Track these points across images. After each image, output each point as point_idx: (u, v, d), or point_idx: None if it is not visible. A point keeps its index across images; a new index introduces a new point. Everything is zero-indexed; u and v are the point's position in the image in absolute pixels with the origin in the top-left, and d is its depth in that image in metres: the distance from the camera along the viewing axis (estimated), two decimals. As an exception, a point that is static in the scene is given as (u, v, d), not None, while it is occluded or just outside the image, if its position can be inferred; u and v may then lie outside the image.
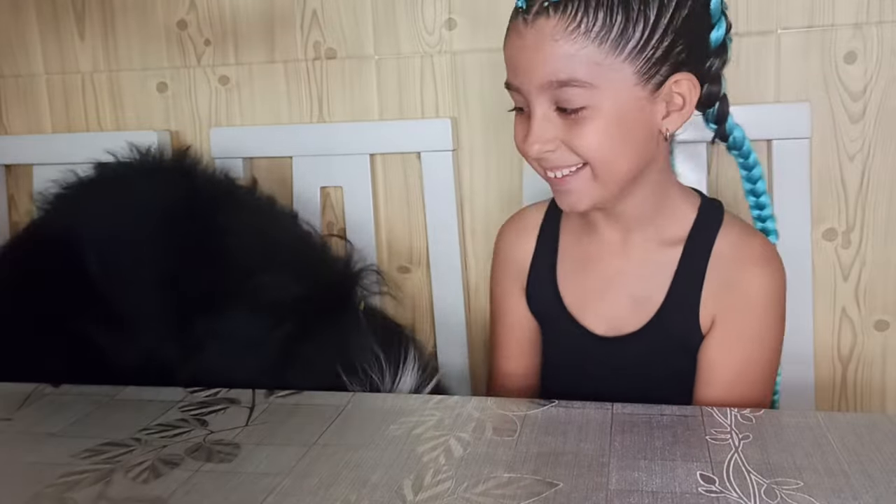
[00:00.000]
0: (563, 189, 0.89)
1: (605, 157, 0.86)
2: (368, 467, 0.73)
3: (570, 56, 0.82)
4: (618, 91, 0.84)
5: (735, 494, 0.66)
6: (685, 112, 0.88)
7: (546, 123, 0.86)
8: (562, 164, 0.87)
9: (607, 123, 0.84)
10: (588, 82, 0.82)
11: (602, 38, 0.82)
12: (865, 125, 1.18)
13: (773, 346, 0.96)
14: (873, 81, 1.17)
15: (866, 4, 1.15)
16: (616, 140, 0.85)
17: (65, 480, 0.73)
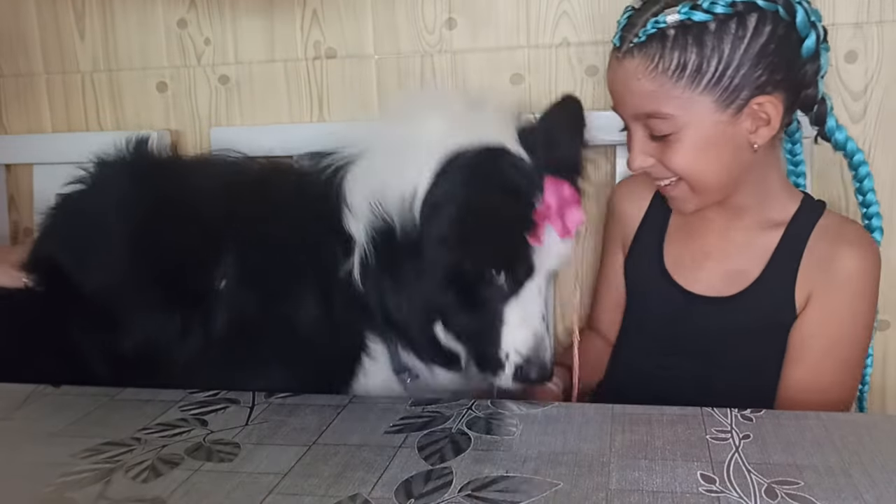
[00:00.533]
0: (669, 195, 1.01)
1: (695, 173, 0.96)
2: (368, 467, 0.73)
3: (651, 92, 0.92)
4: (699, 119, 0.92)
5: (735, 494, 0.66)
6: (772, 126, 0.94)
7: (642, 145, 0.97)
8: (661, 176, 0.98)
9: (692, 146, 0.94)
10: (670, 114, 0.92)
11: (678, 75, 0.91)
12: (866, 125, 1.18)
13: (864, 325, 1.00)
14: (874, 81, 1.17)
15: (867, 4, 1.15)
16: (702, 160, 0.95)
17: (65, 480, 0.73)
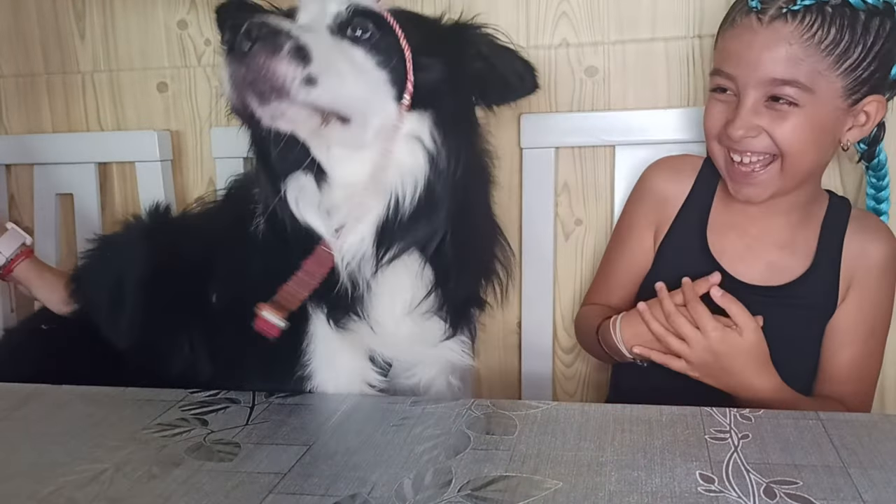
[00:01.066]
0: (752, 180, 0.99)
1: (798, 150, 0.96)
2: (368, 467, 0.73)
3: (799, 60, 0.93)
4: (826, 99, 0.94)
5: (734, 494, 0.66)
6: (866, 129, 0.99)
7: (754, 113, 0.95)
8: (757, 149, 0.97)
9: (808, 123, 0.95)
10: (806, 85, 0.93)
11: (829, 51, 0.92)
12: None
13: (890, 307, 1.06)
14: (873, 81, 1.17)
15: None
16: (810, 139, 0.96)
17: (65, 480, 0.73)
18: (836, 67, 0.93)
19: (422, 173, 0.87)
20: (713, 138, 1.02)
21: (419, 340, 0.95)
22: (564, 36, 1.25)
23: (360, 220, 0.88)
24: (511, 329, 1.36)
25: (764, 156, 0.97)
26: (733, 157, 0.99)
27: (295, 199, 0.89)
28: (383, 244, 0.88)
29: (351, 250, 0.89)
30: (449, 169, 0.88)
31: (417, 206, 0.88)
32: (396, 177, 0.87)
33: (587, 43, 1.25)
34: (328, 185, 0.88)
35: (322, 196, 0.89)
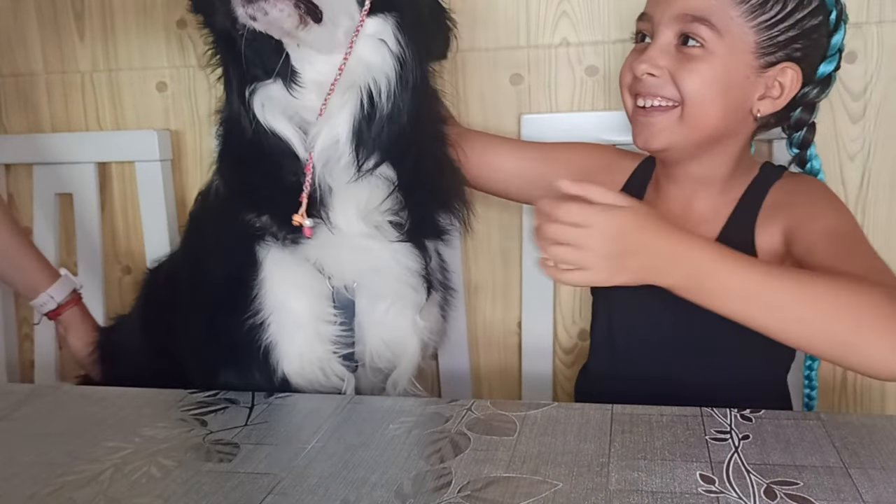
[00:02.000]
0: (648, 121, 0.95)
1: (700, 100, 0.92)
2: (368, 467, 0.73)
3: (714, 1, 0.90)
4: (735, 48, 0.91)
5: (735, 494, 0.66)
6: (778, 102, 0.94)
7: (663, 51, 0.93)
8: (658, 93, 0.93)
9: (714, 71, 0.91)
10: (717, 27, 0.90)
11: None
12: (866, 125, 1.18)
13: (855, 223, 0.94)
14: (873, 81, 1.17)
15: (866, 4, 1.15)
16: (714, 90, 0.92)
17: (65, 480, 0.73)
18: (750, 17, 0.90)
19: (391, 73, 0.90)
20: (626, 86, 0.99)
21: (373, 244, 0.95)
22: (565, 35, 1.25)
23: (331, 120, 0.89)
24: (511, 329, 1.36)
25: (666, 101, 0.93)
26: (638, 103, 0.96)
27: (262, 105, 0.91)
28: (361, 146, 0.90)
29: (325, 153, 0.90)
30: (412, 74, 0.91)
31: (391, 109, 0.90)
32: (366, 75, 0.89)
33: (587, 42, 1.25)
34: (299, 88, 0.90)
35: (292, 101, 0.91)
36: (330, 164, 0.91)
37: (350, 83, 0.89)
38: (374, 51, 0.90)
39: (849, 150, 1.19)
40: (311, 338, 0.96)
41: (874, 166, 1.19)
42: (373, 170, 0.91)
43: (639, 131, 0.97)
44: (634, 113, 0.97)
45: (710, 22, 0.90)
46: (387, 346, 0.99)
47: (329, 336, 0.96)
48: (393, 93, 0.90)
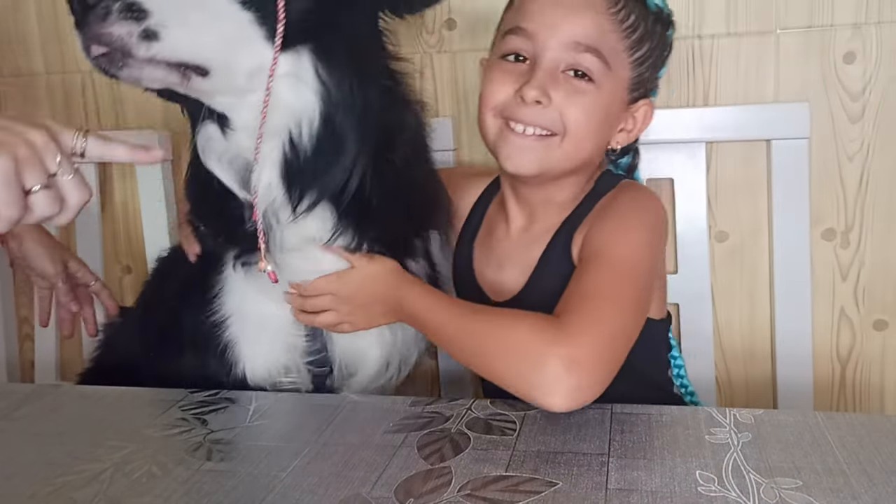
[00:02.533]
0: (524, 145, 0.91)
1: (581, 133, 0.90)
2: (368, 467, 0.73)
3: (604, 30, 0.89)
4: (616, 84, 0.90)
5: (734, 494, 0.66)
6: (632, 135, 0.97)
7: (552, 77, 0.89)
8: (540, 122, 0.90)
9: (597, 106, 0.90)
10: (606, 59, 0.88)
11: (628, 33, 0.90)
12: (864, 125, 1.18)
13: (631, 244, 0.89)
14: (872, 82, 1.17)
15: (865, 4, 1.15)
16: (594, 124, 0.91)
17: (65, 480, 0.73)
18: (630, 53, 0.90)
19: (313, 112, 0.85)
20: (491, 109, 0.92)
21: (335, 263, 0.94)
22: (564, 36, 1.25)
23: (262, 165, 0.87)
24: (511, 329, 1.36)
25: (545, 130, 0.90)
26: (514, 128, 0.91)
27: (202, 147, 0.90)
28: (294, 189, 0.87)
29: (263, 196, 0.88)
30: (348, 105, 0.85)
31: (318, 148, 0.85)
32: (286, 118, 0.85)
33: (587, 43, 1.25)
34: (231, 131, 0.88)
35: (227, 143, 0.89)
36: (275, 203, 0.89)
37: (273, 128, 0.85)
38: (291, 91, 0.85)
39: (847, 150, 1.19)
40: (272, 340, 0.98)
41: (873, 166, 1.19)
42: (310, 209, 0.88)
43: (511, 154, 0.92)
44: (505, 134, 0.92)
45: (601, 53, 0.89)
46: (348, 355, 1.00)
47: (291, 340, 0.98)
48: (324, 131, 0.85)
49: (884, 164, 1.19)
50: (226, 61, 0.82)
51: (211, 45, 0.81)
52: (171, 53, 0.78)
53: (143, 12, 0.76)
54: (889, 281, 1.22)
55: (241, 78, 0.83)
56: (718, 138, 1.20)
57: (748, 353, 1.27)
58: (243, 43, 0.82)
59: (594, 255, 0.88)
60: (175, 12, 0.78)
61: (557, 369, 0.75)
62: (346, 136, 0.86)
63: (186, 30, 0.79)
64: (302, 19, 0.82)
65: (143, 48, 0.76)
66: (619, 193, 0.96)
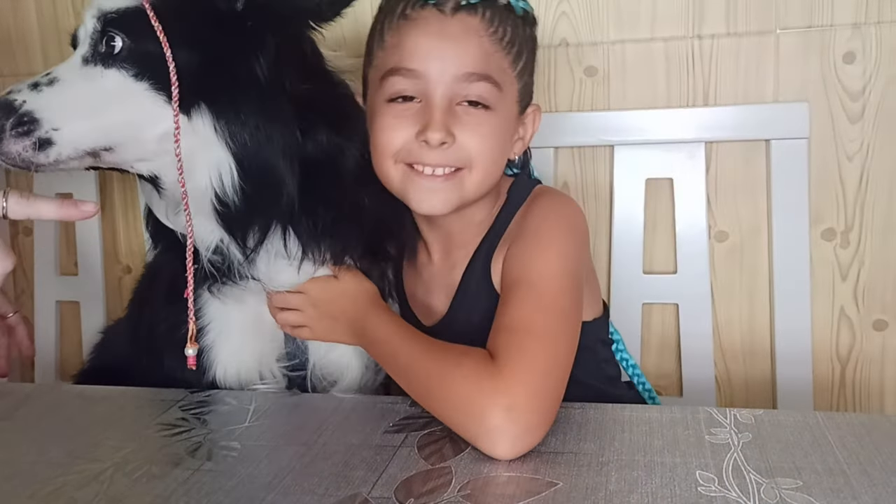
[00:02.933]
0: (433, 186, 0.88)
1: (487, 161, 0.89)
2: (368, 467, 0.73)
3: (489, 55, 0.87)
4: (509, 102, 0.90)
5: (734, 494, 0.66)
6: (525, 140, 0.96)
7: (450, 113, 0.86)
8: (448, 162, 0.87)
9: (497, 129, 0.89)
10: (498, 83, 0.87)
11: (508, 48, 0.88)
12: (864, 125, 1.18)
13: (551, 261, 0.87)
14: (872, 81, 1.17)
15: (865, 4, 1.15)
16: (498, 148, 0.90)
17: (65, 480, 0.73)
18: (514, 68, 0.89)
19: (227, 164, 0.85)
20: (391, 157, 0.89)
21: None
22: (564, 36, 1.25)
23: (197, 219, 0.88)
24: (511, 329, 1.36)
25: (453, 167, 0.88)
26: (421, 170, 0.88)
27: (149, 202, 0.94)
28: (236, 234, 0.88)
29: (205, 238, 0.90)
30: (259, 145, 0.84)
31: (244, 193, 0.86)
32: (205, 175, 0.85)
33: (587, 43, 1.25)
34: (164, 189, 0.90)
35: (163, 199, 0.91)
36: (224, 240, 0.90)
37: (196, 187, 0.86)
38: (201, 148, 0.84)
39: (847, 150, 1.19)
40: (246, 346, 0.98)
41: (873, 166, 1.19)
42: (258, 248, 0.89)
43: (423, 198, 0.89)
44: (412, 178, 0.89)
45: (492, 78, 0.86)
46: (329, 363, 1.00)
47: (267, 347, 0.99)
48: (238, 181, 0.85)
49: (884, 164, 1.19)
50: (131, 136, 0.84)
51: (111, 126, 0.84)
52: (73, 151, 0.82)
53: (34, 122, 0.81)
54: (889, 281, 1.22)
55: (151, 145, 0.85)
56: (718, 138, 1.20)
57: (748, 353, 1.27)
58: (144, 113, 0.84)
59: (516, 282, 0.85)
60: (64, 112, 0.82)
61: (497, 420, 0.73)
62: (269, 171, 0.85)
63: (80, 123, 0.82)
64: (193, 78, 0.83)
65: (41, 157, 0.81)
66: (532, 207, 0.94)
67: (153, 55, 0.82)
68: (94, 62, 0.84)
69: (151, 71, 0.83)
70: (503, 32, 0.88)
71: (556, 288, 0.84)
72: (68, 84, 0.84)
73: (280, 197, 0.87)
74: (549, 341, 0.79)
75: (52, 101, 0.82)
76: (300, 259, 0.92)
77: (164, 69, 0.82)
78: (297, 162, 0.86)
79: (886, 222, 1.20)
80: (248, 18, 0.86)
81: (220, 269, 0.93)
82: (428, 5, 0.87)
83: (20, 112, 0.80)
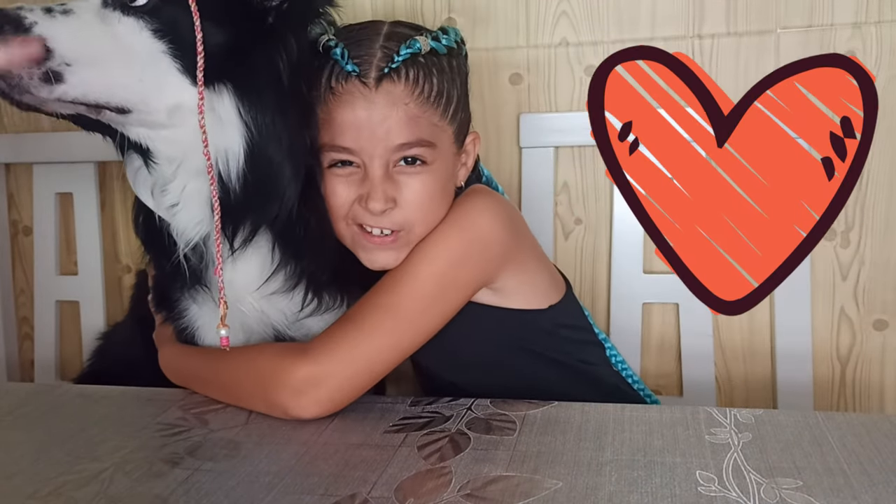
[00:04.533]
0: (382, 247, 0.91)
1: (428, 212, 0.90)
2: (368, 467, 0.73)
3: (417, 118, 0.88)
4: (445, 151, 0.92)
5: (734, 494, 0.66)
6: (469, 164, 0.97)
7: (388, 180, 0.88)
8: (391, 225, 0.89)
9: (437, 179, 0.90)
10: (430, 142, 0.89)
11: (437, 101, 0.89)
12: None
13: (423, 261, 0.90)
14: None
15: (865, 4, 1.15)
16: (439, 195, 0.91)
17: (65, 480, 0.73)
18: (445, 117, 0.90)
19: (238, 149, 0.83)
20: (341, 219, 0.91)
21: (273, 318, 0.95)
22: (564, 35, 1.25)
23: (190, 200, 0.87)
24: (511, 329, 1.36)
25: (389, 230, 0.90)
26: (370, 231, 0.90)
27: (133, 180, 0.90)
28: (227, 226, 0.86)
29: (188, 230, 0.87)
30: (273, 137, 0.83)
31: (246, 183, 0.84)
32: (213, 154, 0.83)
33: (587, 42, 1.25)
34: (155, 163, 0.86)
35: (153, 175, 0.87)
36: (208, 239, 0.88)
37: (198, 167, 0.84)
38: (213, 129, 0.82)
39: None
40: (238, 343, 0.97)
41: (873, 166, 1.19)
42: (246, 243, 0.88)
43: (372, 258, 0.92)
44: (360, 239, 0.91)
45: (424, 140, 0.88)
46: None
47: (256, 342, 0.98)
48: (244, 169, 0.83)
49: (884, 164, 1.19)
50: (141, 99, 0.80)
51: (122, 83, 0.79)
52: (80, 94, 0.76)
53: (46, 50, 0.73)
54: (889, 281, 1.22)
55: (159, 115, 0.82)
56: (718, 138, 1.20)
57: (748, 353, 1.27)
58: (158, 76, 0.80)
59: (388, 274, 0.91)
60: (82, 51, 0.76)
61: (300, 379, 0.83)
62: (275, 169, 0.84)
63: (94, 70, 0.77)
64: (218, 54, 0.80)
65: (44, 90, 0.74)
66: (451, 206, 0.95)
67: (177, 19, 0.79)
68: (114, 6, 0.79)
69: (174, 34, 0.79)
70: (429, 89, 0.88)
71: (408, 289, 0.88)
72: (84, 21, 0.77)
73: (280, 197, 0.85)
74: (370, 332, 0.86)
75: (67, 31, 0.75)
76: (271, 271, 0.91)
77: (186, 36, 0.78)
78: (303, 167, 0.86)
79: (886, 222, 1.20)
80: (274, 13, 0.84)
81: (196, 270, 0.91)
82: (351, 78, 0.87)
83: (32, 33, 0.73)
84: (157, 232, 0.91)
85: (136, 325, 1.13)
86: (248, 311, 0.94)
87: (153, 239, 0.93)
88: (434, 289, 0.89)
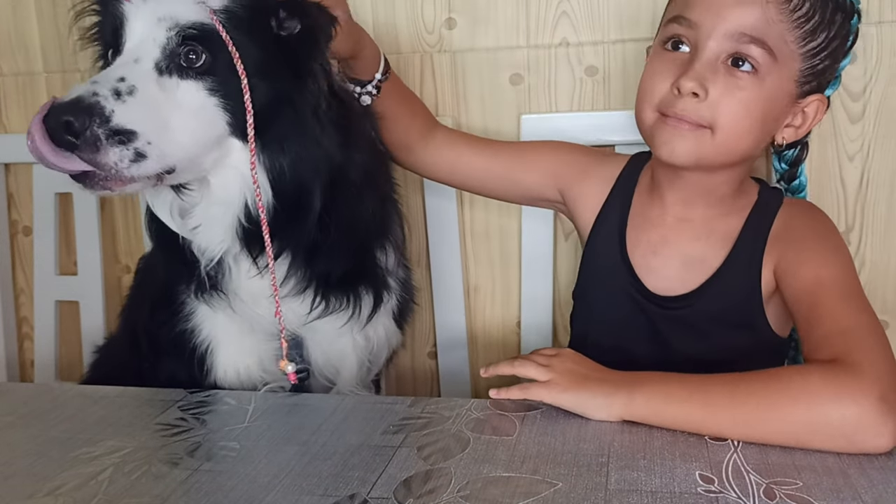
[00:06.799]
0: (677, 133, 0.89)
1: (738, 128, 0.88)
2: (368, 467, 0.73)
3: (770, 22, 0.85)
4: (782, 76, 0.88)
5: (734, 494, 0.66)
6: (801, 131, 0.93)
7: (712, 68, 0.87)
8: (694, 117, 0.87)
9: (760, 99, 0.87)
10: (773, 50, 0.86)
11: (800, 24, 0.86)
12: (865, 125, 1.18)
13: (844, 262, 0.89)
14: (873, 81, 1.17)
15: (865, 4, 1.15)
16: (755, 119, 0.88)
17: (64, 480, 0.73)
18: (801, 44, 0.87)
19: (265, 185, 0.86)
20: (648, 104, 0.91)
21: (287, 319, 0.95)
22: (564, 35, 1.25)
23: (214, 222, 0.89)
24: (511, 329, 1.36)
25: (694, 126, 0.88)
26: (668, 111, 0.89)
27: (151, 198, 0.92)
28: (254, 249, 0.89)
29: (210, 248, 0.90)
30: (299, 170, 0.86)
31: (277, 212, 0.87)
32: (241, 188, 0.87)
33: (587, 42, 1.25)
34: (187, 192, 0.89)
35: (175, 198, 0.90)
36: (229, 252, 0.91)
37: (227, 197, 0.87)
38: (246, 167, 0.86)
39: (848, 150, 1.19)
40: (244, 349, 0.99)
41: (873, 166, 1.19)
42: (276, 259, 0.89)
43: (665, 141, 0.90)
44: (660, 123, 0.90)
45: (766, 44, 0.85)
46: (328, 362, 1.02)
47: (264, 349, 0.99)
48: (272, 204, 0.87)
49: (884, 164, 1.19)
50: (193, 159, 0.84)
51: (184, 143, 0.82)
52: (158, 167, 0.80)
53: (132, 134, 0.77)
54: (889, 281, 1.22)
55: (206, 166, 0.86)
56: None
57: (748, 353, 1.27)
58: (211, 131, 0.84)
59: (817, 288, 0.85)
60: (157, 124, 0.79)
61: (875, 412, 0.71)
62: (304, 195, 0.87)
63: (168, 138, 0.80)
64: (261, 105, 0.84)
65: (133, 169, 0.78)
66: (800, 217, 0.95)
67: (225, 72, 0.82)
68: (171, 73, 0.82)
69: (225, 88, 0.83)
70: (799, 4, 0.86)
71: (859, 289, 0.85)
72: (149, 94, 0.80)
73: (306, 219, 0.87)
74: (881, 335, 0.80)
75: (141, 112, 0.78)
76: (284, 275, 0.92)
77: (232, 88, 0.82)
78: (326, 183, 0.87)
79: (887, 222, 1.20)
80: (298, 42, 0.86)
81: (213, 279, 0.93)
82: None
83: (114, 122, 0.76)
84: (171, 239, 0.93)
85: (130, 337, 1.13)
86: (264, 313, 0.95)
87: (167, 243, 0.95)
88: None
